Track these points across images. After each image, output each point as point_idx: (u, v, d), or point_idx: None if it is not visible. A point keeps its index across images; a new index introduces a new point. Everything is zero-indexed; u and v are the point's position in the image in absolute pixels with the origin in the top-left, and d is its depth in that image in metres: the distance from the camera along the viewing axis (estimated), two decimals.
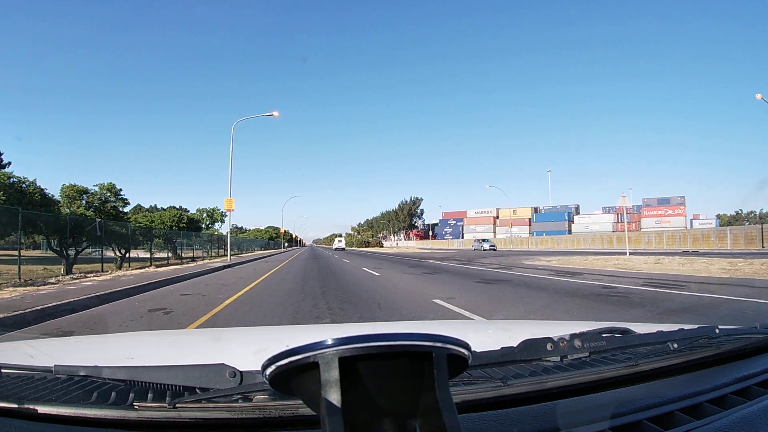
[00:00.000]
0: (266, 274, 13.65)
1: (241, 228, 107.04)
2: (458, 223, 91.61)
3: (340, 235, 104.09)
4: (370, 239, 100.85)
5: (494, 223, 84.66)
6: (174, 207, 56.72)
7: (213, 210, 57.47)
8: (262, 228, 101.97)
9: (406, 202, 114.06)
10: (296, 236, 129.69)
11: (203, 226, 51.88)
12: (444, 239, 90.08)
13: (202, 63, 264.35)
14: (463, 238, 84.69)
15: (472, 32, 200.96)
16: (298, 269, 16.20)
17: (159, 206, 79.27)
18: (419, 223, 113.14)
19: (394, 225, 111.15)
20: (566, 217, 73.74)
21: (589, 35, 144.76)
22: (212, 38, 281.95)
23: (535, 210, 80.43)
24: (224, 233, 57.48)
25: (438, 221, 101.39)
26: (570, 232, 68.00)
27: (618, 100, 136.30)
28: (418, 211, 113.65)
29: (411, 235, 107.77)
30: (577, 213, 75.61)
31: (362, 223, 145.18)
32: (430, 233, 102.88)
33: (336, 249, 63.69)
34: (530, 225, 77.68)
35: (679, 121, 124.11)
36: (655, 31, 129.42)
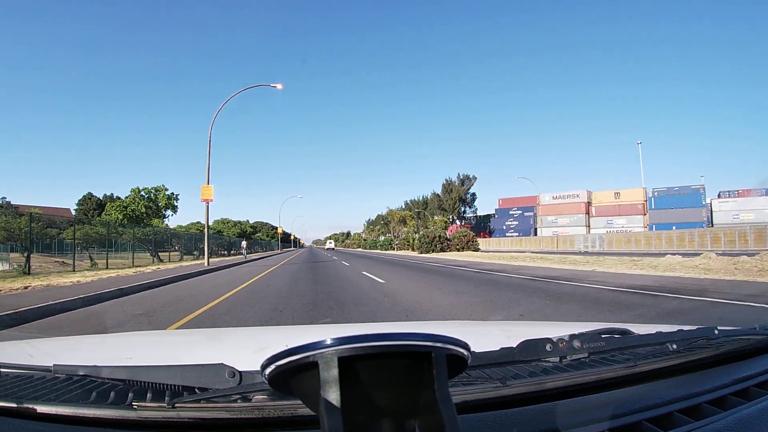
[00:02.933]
0: None
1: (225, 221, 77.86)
2: (526, 214, 64.86)
3: (332, 238, 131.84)
4: (442, 235, 42.90)
5: (587, 212, 58.62)
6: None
7: (155, 190, 36.70)
8: (233, 220, 70.27)
9: (452, 181, 79.35)
10: (284, 233, 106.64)
11: (141, 213, 35.40)
12: (506, 236, 62.40)
13: (202, 63, 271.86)
14: (535, 234, 61.17)
15: (474, 33, 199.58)
16: None
17: (116, 195, 59.20)
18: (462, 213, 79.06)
19: (433, 216, 73.22)
20: (702, 202, 50.20)
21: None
22: (212, 38, 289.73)
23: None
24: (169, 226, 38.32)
25: (494, 211, 71.21)
26: (711, 223, 47.46)
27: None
28: (468, 195, 78.97)
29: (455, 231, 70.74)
30: (701, 196, 50.74)
31: (371, 220, 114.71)
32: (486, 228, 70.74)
33: (327, 249, 77.78)
34: (645, 213, 53.80)
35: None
36: None
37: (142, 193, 39.11)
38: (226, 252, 44.80)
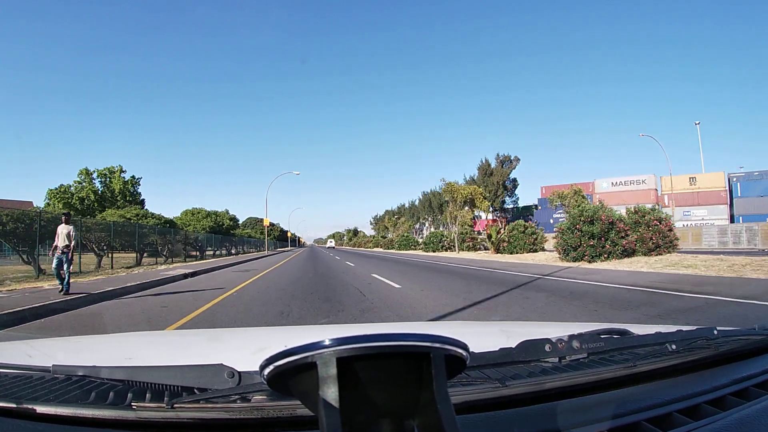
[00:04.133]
0: None
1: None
2: None
3: (332, 237, 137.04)
4: (625, 220, 17.48)
5: (657, 201, 44.32)
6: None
7: (109, 171, 28.06)
8: (205, 210, 50.41)
9: (488, 163, 61.79)
10: (281, 230, 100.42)
11: (91, 201, 27.26)
12: (554, 232, 22.95)
13: (202, 63, 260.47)
14: None
15: (473, 34, 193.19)
16: None
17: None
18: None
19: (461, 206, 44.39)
20: None
21: None
22: (212, 39, 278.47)
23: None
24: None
25: (536, 202, 56.73)
26: None
27: None
28: (509, 182, 63.13)
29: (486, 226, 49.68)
30: None
31: (378, 216, 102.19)
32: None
33: (328, 247, 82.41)
34: (728, 203, 44.60)
35: None
36: None
37: (95, 178, 29.47)
38: (197, 253, 31.21)
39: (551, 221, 49.01)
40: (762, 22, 76.48)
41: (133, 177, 28.75)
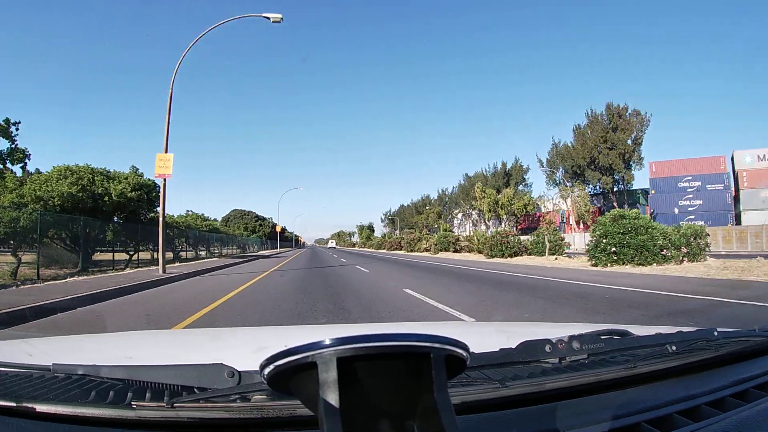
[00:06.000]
0: None
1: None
2: (710, 186, 36.90)
3: (333, 238, 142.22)
4: None
5: None
6: None
7: None
8: (88, 165, 16.41)
9: (601, 116, 38.72)
10: (274, 226, 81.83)
11: None
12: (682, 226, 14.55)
13: (201, 62, 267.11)
14: (737, 221, 34.93)
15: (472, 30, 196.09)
16: None
17: None
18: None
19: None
20: None
21: None
22: (212, 38, 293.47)
23: None
24: None
25: (648, 184, 38.54)
26: None
27: None
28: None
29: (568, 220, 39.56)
30: None
31: (391, 212, 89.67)
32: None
33: (329, 248, 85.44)
34: None
35: None
36: None
37: None
38: (76, 257, 14.42)
39: (675, 210, 35.75)
40: None
41: (7, 120, 15.13)
